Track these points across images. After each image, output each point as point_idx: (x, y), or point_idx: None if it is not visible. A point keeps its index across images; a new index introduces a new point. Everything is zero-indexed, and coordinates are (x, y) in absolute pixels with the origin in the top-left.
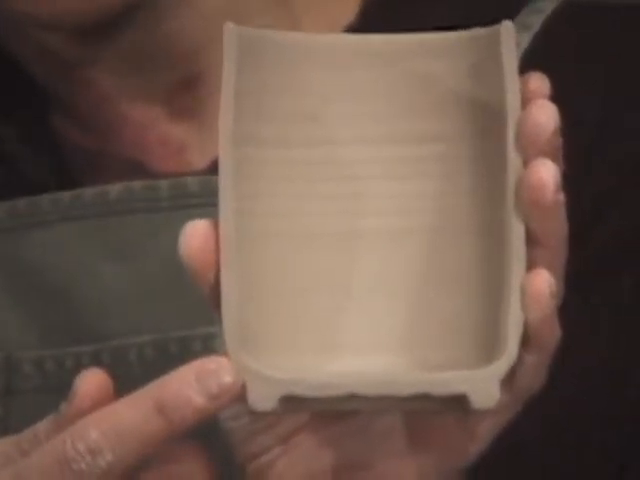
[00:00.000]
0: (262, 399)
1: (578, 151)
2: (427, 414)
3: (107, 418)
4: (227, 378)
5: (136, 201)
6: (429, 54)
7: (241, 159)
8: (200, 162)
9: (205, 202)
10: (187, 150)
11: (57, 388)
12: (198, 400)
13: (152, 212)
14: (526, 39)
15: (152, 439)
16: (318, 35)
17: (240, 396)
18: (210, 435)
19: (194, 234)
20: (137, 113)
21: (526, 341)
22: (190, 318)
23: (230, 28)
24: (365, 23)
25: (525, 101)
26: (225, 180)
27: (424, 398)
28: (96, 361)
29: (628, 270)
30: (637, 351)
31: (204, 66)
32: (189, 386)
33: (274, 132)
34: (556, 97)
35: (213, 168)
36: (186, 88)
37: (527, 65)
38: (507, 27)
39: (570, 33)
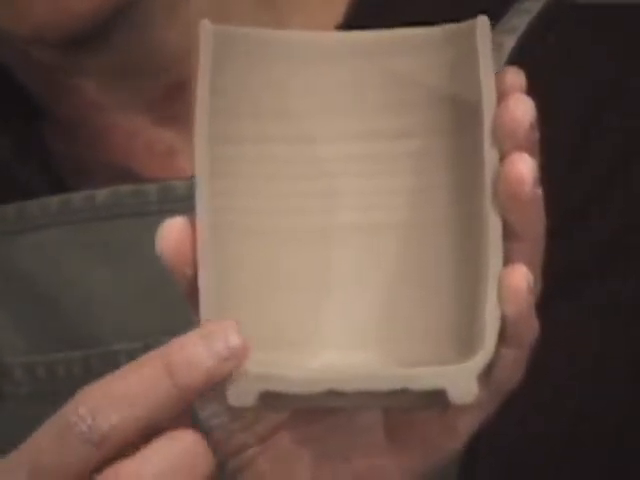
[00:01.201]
0: (241, 395)
1: (563, 151)
2: (406, 410)
3: (112, 382)
4: (234, 339)
5: (124, 205)
6: (404, 50)
7: (218, 156)
8: (188, 169)
9: (193, 206)
10: (175, 157)
11: (48, 395)
12: (207, 361)
13: (140, 216)
14: (512, 40)
15: (159, 404)
16: (295, 32)
17: (219, 394)
18: None
19: (171, 231)
20: (124, 121)
21: (504, 336)
22: (180, 322)
23: (205, 26)
24: (352, 26)
25: (501, 95)
26: (201, 177)
27: (403, 394)
28: (87, 367)
29: (616, 269)
30: (626, 351)
31: (190, 73)
32: (197, 347)
33: (251, 129)
34: (541, 97)
35: None
36: (173, 95)
37: (513, 65)
38: (482, 22)
39: (556, 34)
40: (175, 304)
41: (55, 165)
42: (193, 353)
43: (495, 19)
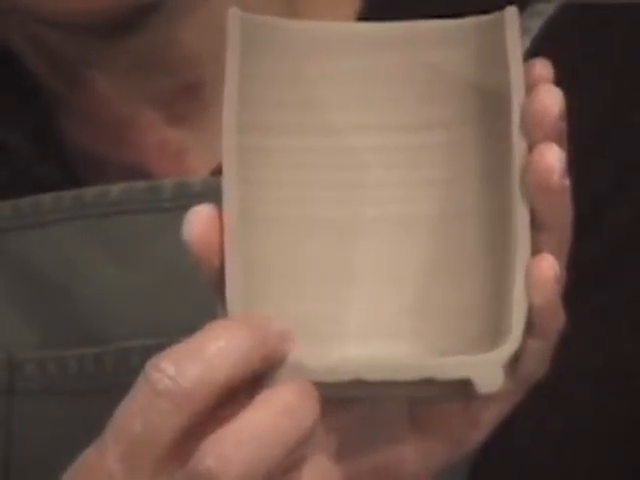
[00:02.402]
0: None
1: (581, 150)
2: (431, 401)
3: (193, 341)
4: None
5: (138, 202)
6: (433, 41)
7: (245, 146)
8: (199, 168)
9: (208, 202)
10: (186, 156)
11: (60, 391)
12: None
13: (154, 213)
14: (526, 42)
15: (250, 363)
16: (323, 23)
17: None
18: None
19: (197, 219)
20: (138, 116)
21: (530, 326)
22: (194, 319)
23: (234, 14)
24: (368, 17)
25: (530, 86)
26: (229, 166)
27: (428, 384)
28: (99, 363)
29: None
30: None
31: (207, 73)
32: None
33: (278, 120)
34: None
35: (216, 172)
36: (188, 94)
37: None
38: (511, 13)
39: (569, 36)
40: (189, 301)
41: (69, 158)
42: (279, 327)
43: None
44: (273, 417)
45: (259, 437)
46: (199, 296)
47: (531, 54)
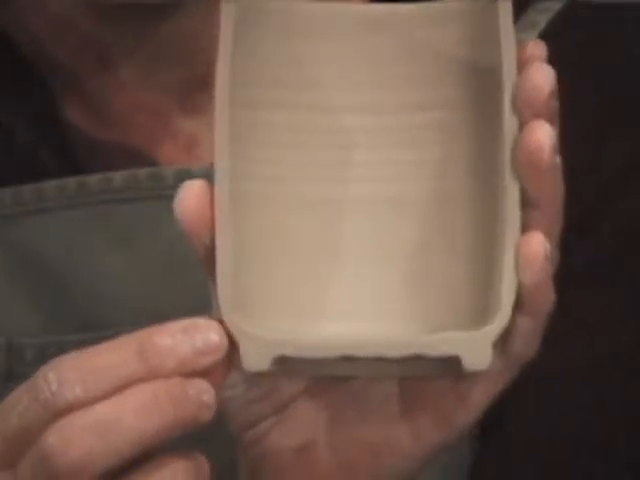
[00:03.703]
0: (255, 360)
1: (581, 147)
2: (421, 379)
3: (84, 356)
4: (214, 336)
5: (141, 189)
6: (427, 22)
7: (237, 123)
8: (208, 158)
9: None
10: (196, 146)
11: None
12: (181, 349)
13: (157, 200)
14: (532, 38)
15: (126, 381)
16: (318, 3)
17: (234, 362)
18: (214, 439)
19: (189, 195)
20: (151, 103)
21: (520, 303)
22: (194, 306)
23: None
24: None
25: (522, 65)
26: (220, 142)
27: (417, 361)
28: None
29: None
30: None
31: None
32: (174, 336)
33: (272, 98)
34: (560, 94)
35: None
36: (202, 85)
37: None
38: None
39: (577, 32)
40: (189, 287)
41: (73, 146)
42: (169, 340)
43: (516, 16)
44: (122, 411)
45: (103, 427)
46: (199, 282)
47: None
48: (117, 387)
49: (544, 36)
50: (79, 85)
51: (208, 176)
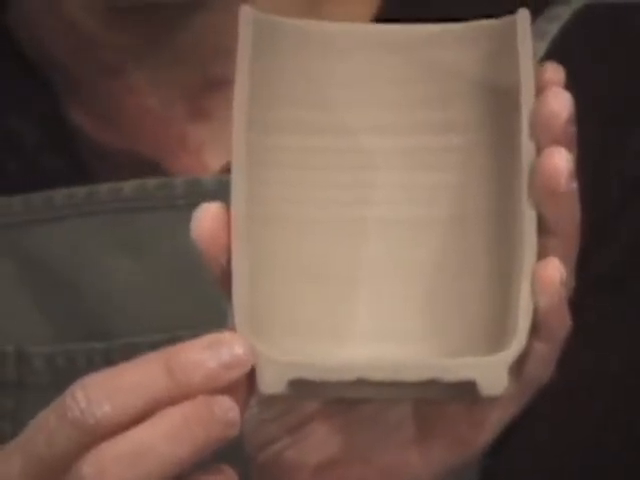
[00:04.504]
0: (271, 382)
1: (594, 154)
2: (436, 402)
3: (112, 374)
4: (239, 349)
5: (151, 198)
6: (445, 44)
7: (254, 144)
8: (215, 165)
9: (221, 200)
10: (203, 151)
11: (68, 386)
12: (209, 364)
13: (167, 210)
14: (542, 46)
15: (154, 398)
16: (335, 24)
17: (250, 382)
18: (229, 458)
19: (206, 217)
20: (160, 108)
21: (536, 329)
22: (203, 316)
23: (246, 12)
24: (384, 19)
25: (540, 89)
26: (238, 164)
27: (433, 385)
28: (108, 358)
29: None
30: None
31: (232, 69)
32: (201, 351)
33: (288, 119)
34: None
35: (227, 169)
36: (213, 89)
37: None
38: (523, 16)
39: (586, 39)
40: (199, 297)
41: (82, 153)
42: (196, 355)
43: None
44: (154, 438)
45: (137, 454)
46: (208, 293)
47: (548, 57)
48: (145, 404)
49: (554, 44)
50: (86, 89)
51: (218, 186)
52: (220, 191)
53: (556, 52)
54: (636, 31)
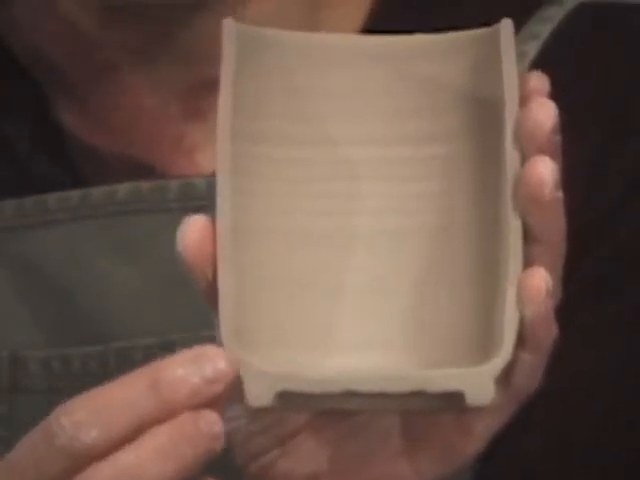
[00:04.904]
0: (258, 395)
1: (585, 159)
2: (423, 413)
3: (96, 395)
4: (222, 364)
5: (144, 202)
6: (428, 54)
7: (239, 155)
8: (209, 165)
9: (214, 204)
10: (197, 152)
11: (63, 390)
12: (192, 380)
13: (160, 213)
14: (534, 48)
15: (141, 416)
16: (318, 34)
17: (237, 395)
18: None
19: (191, 229)
20: (155, 109)
21: (522, 339)
22: (197, 320)
23: (229, 24)
24: (372, 30)
25: (524, 99)
26: (223, 175)
27: (420, 396)
28: (103, 362)
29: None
30: None
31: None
32: (185, 367)
33: (273, 130)
34: (563, 104)
35: (214, 174)
36: (207, 90)
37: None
38: (506, 26)
39: (580, 41)
40: (193, 301)
41: (75, 157)
42: (181, 371)
43: (517, 26)
44: (142, 460)
45: (127, 477)
46: (202, 297)
47: (541, 60)
48: (132, 424)
49: (547, 46)
50: (81, 90)
51: (211, 189)
52: (213, 194)
53: (549, 53)
54: (632, 30)
